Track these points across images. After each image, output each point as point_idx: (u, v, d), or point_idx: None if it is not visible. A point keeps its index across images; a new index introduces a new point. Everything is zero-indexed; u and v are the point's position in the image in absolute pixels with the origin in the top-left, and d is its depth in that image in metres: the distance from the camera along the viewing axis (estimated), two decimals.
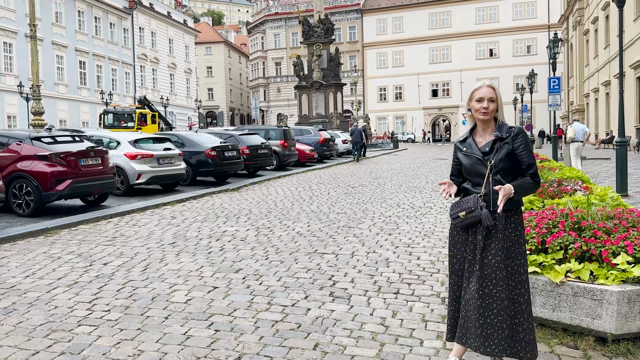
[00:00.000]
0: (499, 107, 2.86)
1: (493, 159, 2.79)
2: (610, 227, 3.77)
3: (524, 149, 2.80)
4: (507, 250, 2.80)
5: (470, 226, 2.85)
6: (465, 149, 2.92)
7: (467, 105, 2.93)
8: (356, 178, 16.09)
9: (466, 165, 2.90)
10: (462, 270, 2.91)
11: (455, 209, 2.89)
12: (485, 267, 2.78)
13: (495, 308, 2.76)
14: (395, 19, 61.95)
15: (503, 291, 2.76)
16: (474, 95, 2.86)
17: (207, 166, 14.21)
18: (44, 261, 5.91)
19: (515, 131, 2.83)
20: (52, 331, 3.84)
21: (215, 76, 75.03)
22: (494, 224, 2.78)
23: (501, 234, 2.79)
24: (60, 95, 39.64)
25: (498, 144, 2.82)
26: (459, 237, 2.93)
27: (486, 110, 2.82)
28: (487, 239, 2.81)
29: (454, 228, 2.96)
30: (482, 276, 2.78)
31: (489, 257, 2.78)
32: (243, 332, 3.76)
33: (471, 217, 2.79)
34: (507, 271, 2.78)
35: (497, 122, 2.89)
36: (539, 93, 46.57)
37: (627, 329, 3.34)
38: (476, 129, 2.95)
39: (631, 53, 25.83)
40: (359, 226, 7.87)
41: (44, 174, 8.91)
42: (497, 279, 2.76)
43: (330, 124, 36.32)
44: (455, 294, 2.96)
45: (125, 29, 48.30)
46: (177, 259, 5.92)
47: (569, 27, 47.01)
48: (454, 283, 2.97)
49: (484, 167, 2.81)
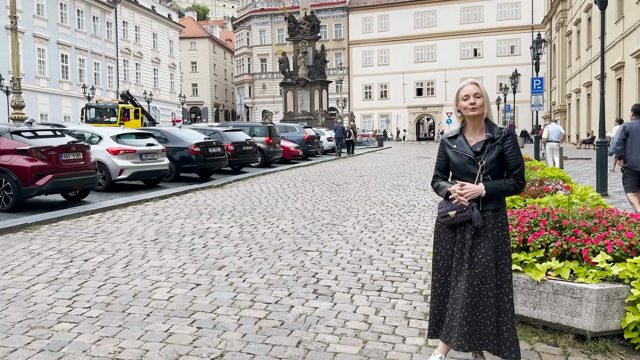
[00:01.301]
0: (487, 106, 2.87)
1: (485, 160, 2.80)
2: (591, 226, 3.82)
3: (512, 150, 2.84)
4: (495, 249, 2.82)
5: (458, 225, 2.86)
6: (456, 147, 2.90)
7: (455, 107, 2.94)
8: (341, 176, 16.11)
9: (456, 164, 2.89)
10: (447, 268, 2.92)
11: (444, 207, 2.89)
12: (475, 266, 2.79)
13: (481, 305, 2.78)
14: (381, 17, 62.10)
15: (491, 289, 2.79)
16: (460, 94, 2.88)
17: (191, 162, 14.12)
18: (24, 257, 5.82)
19: (505, 132, 2.86)
20: (31, 328, 3.78)
21: (199, 72, 74.49)
22: (484, 224, 2.81)
23: (490, 233, 2.81)
24: (41, 89, 39.03)
25: (489, 144, 2.83)
26: (445, 235, 2.93)
27: (474, 106, 2.83)
28: (475, 238, 2.82)
29: (440, 226, 2.96)
30: (472, 275, 2.79)
31: (479, 255, 2.80)
32: (226, 330, 3.75)
33: (461, 217, 2.81)
34: (495, 270, 2.81)
35: (487, 122, 2.91)
36: (521, 93, 47.03)
37: (606, 326, 3.39)
38: (466, 127, 2.95)
39: (612, 55, 26.24)
40: (343, 224, 7.88)
41: (24, 168, 8.77)
42: (486, 277, 2.78)
43: (315, 121, 36.32)
44: (437, 291, 2.96)
45: (108, 23, 47.71)
46: (160, 256, 5.87)
47: (552, 28, 47.57)
48: (436, 280, 2.98)
49: (474, 166, 2.82)
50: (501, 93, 43.74)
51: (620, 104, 26.26)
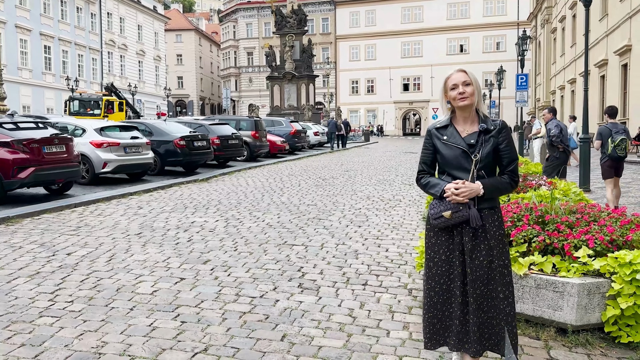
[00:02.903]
0: (477, 95, 2.63)
1: (479, 153, 2.58)
2: (573, 221, 3.87)
3: (507, 144, 2.63)
4: (495, 249, 2.62)
5: (454, 227, 2.63)
6: (447, 138, 2.64)
7: (444, 98, 2.70)
8: (327, 170, 16.12)
9: (447, 157, 2.64)
10: (443, 275, 2.68)
11: (437, 207, 2.62)
12: (477, 270, 2.59)
13: (489, 308, 2.61)
14: (368, 12, 62.06)
15: (495, 291, 2.61)
16: (448, 84, 2.66)
17: (176, 156, 14.01)
18: (5, 250, 5.74)
19: (500, 124, 2.64)
20: (12, 322, 3.73)
21: (185, 64, 73.86)
22: (482, 224, 2.60)
23: (488, 233, 2.61)
24: (23, 81, 38.39)
25: (483, 136, 2.60)
26: (438, 238, 2.68)
27: (464, 95, 2.59)
28: (474, 239, 2.61)
29: (432, 229, 2.70)
30: (474, 279, 2.59)
31: (480, 258, 2.60)
32: (210, 324, 3.73)
33: (458, 217, 2.57)
34: (497, 272, 2.62)
35: (478, 113, 2.68)
36: (507, 89, 47.38)
37: (587, 320, 3.44)
38: (455, 118, 2.70)
39: (596, 52, 26.52)
40: (329, 218, 7.88)
41: (5, 161, 8.63)
42: (489, 279, 2.60)
43: (302, 115, 36.24)
44: (434, 300, 2.70)
45: (92, 14, 47.05)
46: (144, 250, 5.83)
47: (537, 25, 47.93)
48: (431, 288, 2.70)
49: (468, 160, 2.59)
50: (487, 89, 44.01)
51: (603, 101, 26.57)
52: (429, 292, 2.72)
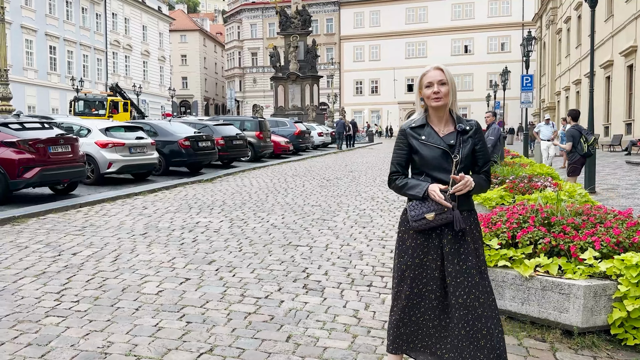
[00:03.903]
0: (452, 95, 2.54)
1: (459, 154, 2.50)
2: (579, 223, 3.85)
3: (483, 145, 2.59)
4: (476, 252, 2.55)
5: (432, 229, 2.54)
6: (425, 138, 2.55)
7: (417, 95, 2.61)
8: (331, 171, 16.12)
9: (427, 157, 2.54)
10: (415, 279, 2.57)
11: (418, 209, 2.50)
12: (458, 275, 2.50)
13: (471, 319, 2.49)
14: (372, 13, 62.05)
15: (477, 298, 2.50)
16: (423, 81, 2.55)
17: (181, 156, 14.04)
18: (11, 250, 5.76)
19: (475, 125, 2.58)
20: (19, 322, 3.75)
21: (189, 65, 73.99)
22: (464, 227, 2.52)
23: (468, 236, 2.54)
24: (29, 81, 38.54)
25: (462, 137, 2.54)
26: (414, 241, 2.58)
27: (438, 95, 2.50)
28: (456, 243, 2.52)
29: (406, 232, 2.60)
30: (454, 284, 2.50)
31: (461, 262, 2.51)
32: (215, 324, 3.74)
33: (440, 220, 2.47)
34: (479, 276, 2.53)
35: (452, 113, 2.59)
36: (511, 90, 47.26)
37: (593, 322, 3.43)
38: (429, 117, 2.61)
39: (601, 53, 26.43)
40: (334, 219, 7.88)
41: (11, 161, 8.67)
42: (471, 286, 2.50)
43: (306, 116, 36.27)
44: (403, 304, 2.59)
45: (97, 14, 47.20)
46: (149, 250, 5.84)
47: (542, 25, 47.80)
48: (402, 291, 2.59)
49: (448, 161, 2.51)
50: (491, 90, 43.92)
51: (609, 102, 26.49)
52: (398, 294, 2.62)
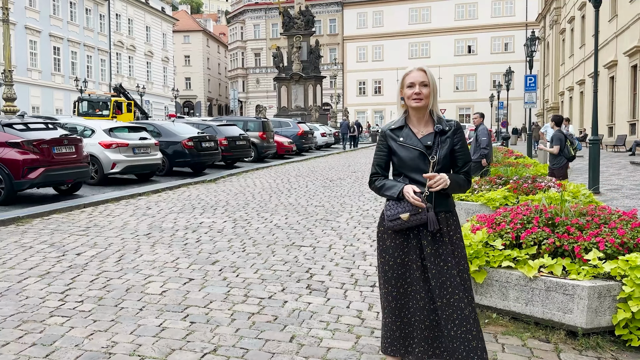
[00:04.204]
0: (433, 97, 2.55)
1: (436, 155, 2.51)
2: (583, 223, 3.84)
3: (462, 145, 2.58)
4: (453, 253, 2.55)
5: (409, 229, 2.55)
6: (403, 139, 2.57)
7: (398, 94, 2.62)
8: (334, 171, 16.12)
9: (404, 159, 2.56)
10: (399, 278, 2.59)
11: (393, 209, 2.52)
12: (439, 275, 2.51)
13: (457, 318, 2.50)
14: (375, 13, 62.01)
15: (461, 299, 2.51)
16: (405, 81, 2.56)
17: (184, 157, 14.07)
18: (15, 250, 5.78)
19: (455, 125, 2.59)
20: (23, 322, 3.76)
21: (193, 65, 74.08)
22: (440, 228, 2.53)
23: (446, 237, 2.55)
24: (33, 82, 38.68)
25: (440, 137, 2.54)
26: (393, 241, 2.59)
27: (418, 96, 2.51)
28: (433, 244, 2.54)
29: (385, 231, 2.61)
30: (438, 285, 2.51)
31: (441, 263, 2.52)
32: (219, 324, 3.74)
33: (415, 220, 2.48)
34: (460, 277, 2.54)
35: (432, 114, 2.60)
36: (515, 90, 47.17)
37: (597, 323, 3.42)
38: (409, 118, 2.62)
39: (605, 53, 26.35)
40: (337, 219, 7.89)
41: (15, 161, 8.71)
42: (454, 286, 2.50)
43: (309, 116, 36.28)
44: (392, 305, 2.60)
45: (101, 15, 47.34)
46: (153, 250, 5.86)
47: (546, 25, 47.71)
48: (388, 293, 2.61)
49: (425, 162, 2.52)
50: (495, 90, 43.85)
51: (613, 102, 26.42)
52: (386, 296, 2.63)
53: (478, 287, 3.86)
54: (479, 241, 3.85)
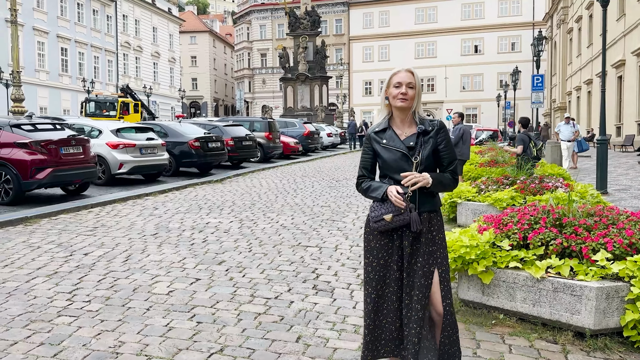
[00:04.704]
0: (417, 100, 2.58)
1: (419, 156, 2.52)
2: (591, 224, 3.82)
3: (447, 145, 2.59)
4: (434, 254, 2.56)
5: (394, 230, 2.57)
6: (386, 142, 2.59)
7: (384, 94, 2.64)
8: (340, 171, 16.11)
9: (388, 160, 2.58)
10: (380, 280, 2.60)
11: (377, 210, 2.54)
12: (416, 276, 2.52)
13: (427, 318, 2.52)
14: (381, 13, 61.91)
15: (424, 299, 2.51)
16: (392, 80, 2.58)
17: (191, 157, 14.10)
18: (23, 250, 5.82)
19: (438, 125, 2.59)
20: (32, 321, 3.79)
21: (199, 66, 74.27)
22: (422, 228, 2.54)
23: (426, 236, 2.56)
24: (41, 82, 38.90)
25: (422, 138, 2.56)
26: (377, 242, 2.61)
27: (404, 97, 2.53)
28: (414, 244, 2.55)
29: (371, 232, 2.63)
30: (413, 285, 2.52)
31: (418, 264, 2.53)
32: (225, 325, 3.75)
33: (398, 221, 2.49)
34: (439, 278, 2.55)
35: (414, 115, 2.62)
36: (522, 90, 46.98)
37: (605, 324, 3.40)
38: (393, 120, 2.64)
39: (613, 52, 26.18)
40: (343, 219, 7.88)
41: (23, 162, 8.76)
42: (427, 286, 2.51)
43: (315, 116, 36.28)
44: (370, 307, 2.61)
45: (108, 16, 47.54)
46: (159, 250, 5.88)
47: (553, 25, 47.47)
48: (368, 294, 2.62)
49: (408, 163, 2.53)
50: (501, 90, 43.68)
51: (621, 102, 26.25)
52: (366, 298, 2.65)
53: (485, 288, 3.85)
54: (486, 242, 3.84)
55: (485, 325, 3.73)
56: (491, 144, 18.58)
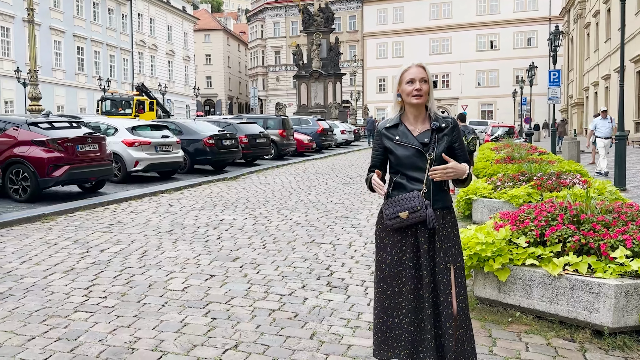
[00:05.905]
0: (430, 94, 2.53)
1: (433, 152, 2.48)
2: (609, 220, 3.76)
3: (461, 143, 2.55)
4: (450, 251, 2.53)
5: (407, 227, 2.52)
6: (399, 138, 2.54)
7: (395, 91, 2.58)
8: (354, 168, 16.08)
9: (401, 157, 2.53)
10: (394, 277, 2.57)
11: (392, 207, 2.50)
12: (435, 273, 2.51)
13: (444, 316, 2.50)
14: (395, 9, 61.58)
15: (448, 297, 2.50)
16: (404, 77, 2.53)
17: (205, 154, 14.17)
18: (41, 247, 5.89)
19: (452, 122, 2.55)
20: (49, 317, 3.83)
21: (213, 64, 74.62)
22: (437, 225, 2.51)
23: (443, 233, 2.54)
24: (57, 81, 39.37)
25: (436, 134, 2.51)
26: (390, 239, 2.57)
27: (419, 92, 2.48)
28: (430, 241, 2.52)
29: (384, 229, 2.60)
30: (432, 282, 2.51)
31: (437, 260, 2.51)
32: (240, 321, 3.76)
33: (414, 218, 2.45)
34: (454, 275, 2.52)
35: (427, 110, 2.57)
36: (538, 86, 46.43)
37: (624, 322, 3.34)
38: (405, 116, 2.60)
39: (632, 47, 25.74)
40: (357, 217, 7.86)
41: (41, 159, 8.87)
42: (446, 283, 2.49)
43: (329, 114, 36.25)
44: (384, 304, 2.58)
45: (123, 15, 47.92)
46: (174, 247, 5.91)
47: (570, 20, 46.83)
48: (382, 292, 2.59)
49: (422, 160, 2.49)
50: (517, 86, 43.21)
51: (639, 97, 25.81)
52: (379, 295, 2.60)
53: (501, 286, 3.81)
54: (502, 238, 3.79)
55: (501, 323, 3.69)
56: (507, 140, 18.38)
